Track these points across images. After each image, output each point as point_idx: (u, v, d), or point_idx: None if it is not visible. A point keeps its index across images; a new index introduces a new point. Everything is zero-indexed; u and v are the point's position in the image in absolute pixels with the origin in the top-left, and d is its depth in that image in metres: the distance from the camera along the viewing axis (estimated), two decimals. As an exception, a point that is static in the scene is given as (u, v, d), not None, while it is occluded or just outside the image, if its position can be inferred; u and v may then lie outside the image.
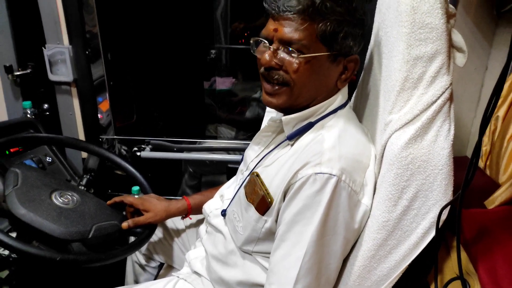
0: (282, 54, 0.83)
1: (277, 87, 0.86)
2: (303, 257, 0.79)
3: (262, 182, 0.89)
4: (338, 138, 0.83)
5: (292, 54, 0.82)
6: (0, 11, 1.50)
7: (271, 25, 0.84)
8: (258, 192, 0.89)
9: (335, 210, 0.78)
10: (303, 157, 0.82)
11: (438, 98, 0.75)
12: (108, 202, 1.18)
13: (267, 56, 0.84)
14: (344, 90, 0.92)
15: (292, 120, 0.90)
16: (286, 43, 0.82)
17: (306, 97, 0.87)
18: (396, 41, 0.79)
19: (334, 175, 0.77)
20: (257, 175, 0.92)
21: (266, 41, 0.85)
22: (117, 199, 1.19)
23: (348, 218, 0.80)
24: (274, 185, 0.87)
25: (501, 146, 1.08)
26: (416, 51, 0.75)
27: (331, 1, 0.77)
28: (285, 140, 0.92)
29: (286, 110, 0.91)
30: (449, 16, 0.77)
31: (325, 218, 0.78)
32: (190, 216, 1.26)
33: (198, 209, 1.19)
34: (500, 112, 1.12)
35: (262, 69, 0.87)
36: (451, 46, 0.79)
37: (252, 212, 0.90)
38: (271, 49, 0.84)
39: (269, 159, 0.94)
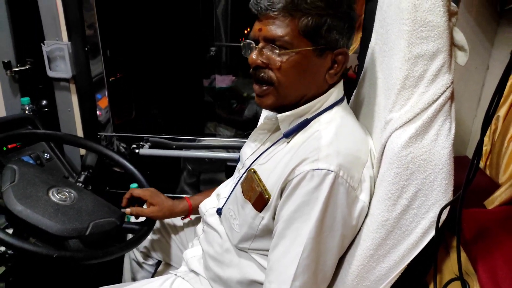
0: (267, 52, 0.85)
1: (264, 87, 0.87)
2: (301, 253, 0.79)
3: (259, 178, 0.89)
4: (335, 135, 0.83)
5: (275, 51, 0.83)
6: (-1, 6, 1.49)
7: (256, 26, 0.86)
8: (256, 188, 0.89)
9: (333, 206, 0.78)
10: (300, 154, 0.82)
11: (439, 96, 0.75)
12: (124, 203, 1.17)
13: (254, 55, 0.86)
14: (339, 86, 0.92)
15: (288, 118, 0.90)
16: (270, 40, 0.84)
17: (294, 95, 0.88)
18: (397, 39, 0.78)
19: (332, 171, 0.77)
20: (254, 172, 0.91)
21: (253, 42, 0.87)
22: (126, 195, 1.18)
23: (346, 215, 0.80)
24: (270, 181, 0.86)
25: (502, 146, 1.08)
26: (417, 49, 0.75)
27: None
28: (282, 137, 0.91)
29: (278, 109, 0.91)
30: (451, 14, 0.76)
31: (323, 214, 0.78)
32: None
33: (198, 210, 1.18)
34: (501, 112, 1.11)
35: (251, 70, 0.89)
36: (453, 44, 0.78)
37: (249, 209, 0.90)
38: (257, 48, 0.86)
39: (265, 156, 0.94)
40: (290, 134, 0.89)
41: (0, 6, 1.49)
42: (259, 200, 0.87)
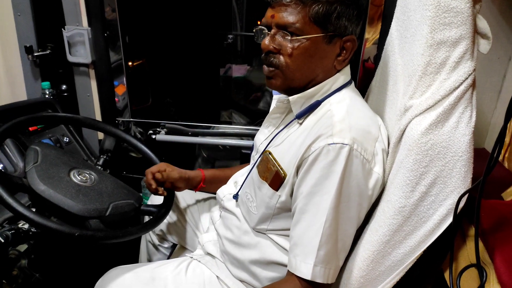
0: (279, 38, 0.88)
1: (272, 69, 0.91)
2: (324, 224, 0.82)
3: (274, 158, 0.92)
4: (346, 112, 0.86)
5: (287, 37, 0.86)
6: (22, -9, 1.51)
7: (269, 13, 0.89)
8: (272, 168, 0.91)
9: (349, 178, 0.81)
10: (315, 132, 0.85)
11: (461, 84, 0.74)
12: (154, 186, 1.14)
13: (266, 41, 0.89)
14: (346, 70, 0.95)
15: (299, 99, 0.93)
16: (282, 27, 0.87)
17: (301, 78, 0.91)
18: (419, 25, 0.77)
19: (346, 144, 0.80)
20: (270, 153, 0.94)
21: (265, 28, 0.90)
22: (153, 180, 1.14)
23: (362, 185, 0.83)
24: (286, 160, 0.90)
25: (522, 138, 1.06)
26: (440, 35, 0.74)
27: None
28: (294, 119, 0.94)
29: (287, 91, 0.95)
30: (475, 0, 0.75)
31: (341, 186, 0.80)
32: (203, 196, 1.30)
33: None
34: (522, 103, 1.09)
35: (263, 55, 0.92)
36: (476, 31, 0.77)
37: (266, 189, 0.93)
38: (270, 35, 0.89)
39: (279, 138, 0.96)
40: (302, 115, 0.92)
41: (23, -8, 1.51)
42: (276, 179, 0.90)
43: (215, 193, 1.18)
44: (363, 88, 1.13)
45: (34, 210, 1.01)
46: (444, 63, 0.75)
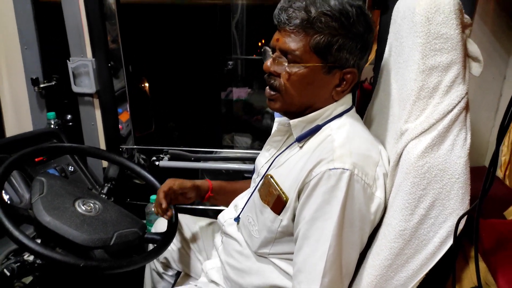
0: (280, 62, 0.90)
1: (272, 93, 0.93)
2: (328, 250, 0.81)
3: (276, 182, 0.93)
4: (347, 137, 0.88)
5: (285, 63, 0.89)
6: (28, 26, 1.57)
7: (275, 36, 0.92)
8: (273, 192, 0.92)
9: (351, 203, 0.81)
10: (316, 156, 0.86)
11: (454, 107, 0.76)
12: (161, 203, 1.11)
13: (268, 63, 0.92)
14: (348, 97, 0.96)
15: (300, 123, 0.95)
16: (283, 52, 0.89)
17: (299, 104, 0.93)
18: (411, 51, 0.80)
19: (347, 169, 0.80)
20: (271, 177, 0.95)
21: (270, 50, 0.93)
22: (162, 205, 1.12)
23: (364, 210, 0.83)
24: (287, 184, 0.90)
25: (521, 156, 1.07)
26: (431, 61, 0.76)
27: (326, 16, 0.83)
28: (294, 142, 0.96)
29: (286, 113, 0.98)
30: (464, 26, 0.77)
31: (343, 211, 0.81)
32: (207, 222, 1.30)
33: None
34: (519, 121, 1.10)
35: (265, 75, 0.94)
36: (467, 55, 0.79)
37: (268, 213, 0.93)
38: (272, 57, 0.92)
39: (280, 160, 0.98)
40: (302, 139, 0.94)
41: (29, 26, 1.57)
42: (278, 203, 0.91)
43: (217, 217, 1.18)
44: (360, 109, 1.15)
45: (39, 241, 1.02)
46: (436, 87, 0.77)
